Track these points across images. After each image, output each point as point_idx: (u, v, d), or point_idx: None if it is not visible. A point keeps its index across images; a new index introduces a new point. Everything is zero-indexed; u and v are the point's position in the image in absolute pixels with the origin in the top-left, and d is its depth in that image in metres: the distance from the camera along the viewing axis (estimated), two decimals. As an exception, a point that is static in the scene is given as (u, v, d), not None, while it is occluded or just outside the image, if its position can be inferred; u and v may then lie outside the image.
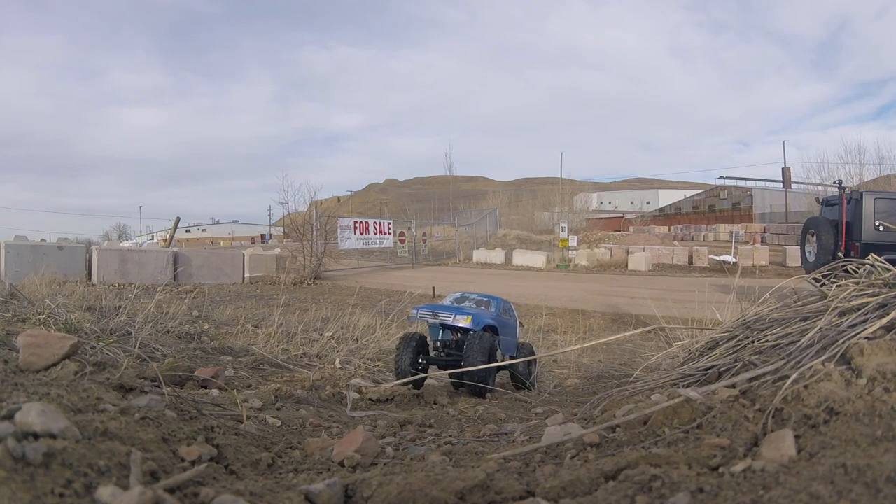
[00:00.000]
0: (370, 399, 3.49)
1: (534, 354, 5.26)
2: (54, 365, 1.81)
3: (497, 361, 4.18)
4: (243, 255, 15.47)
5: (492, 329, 4.39)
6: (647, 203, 71.28)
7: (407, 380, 3.85)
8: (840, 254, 9.94)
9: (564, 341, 7.27)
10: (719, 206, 43.70)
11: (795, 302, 2.25)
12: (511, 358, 4.82)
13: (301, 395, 3.30)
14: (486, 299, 4.81)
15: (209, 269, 14.45)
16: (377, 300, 9.09)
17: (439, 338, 4.49)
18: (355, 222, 20.58)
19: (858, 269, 2.22)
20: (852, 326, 1.71)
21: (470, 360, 3.80)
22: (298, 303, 10.08)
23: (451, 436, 2.39)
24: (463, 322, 4.17)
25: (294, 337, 5.80)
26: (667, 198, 62.37)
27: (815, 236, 10.97)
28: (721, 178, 44.72)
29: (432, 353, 4.46)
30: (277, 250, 18.81)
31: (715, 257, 21.43)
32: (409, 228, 24.16)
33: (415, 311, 4.48)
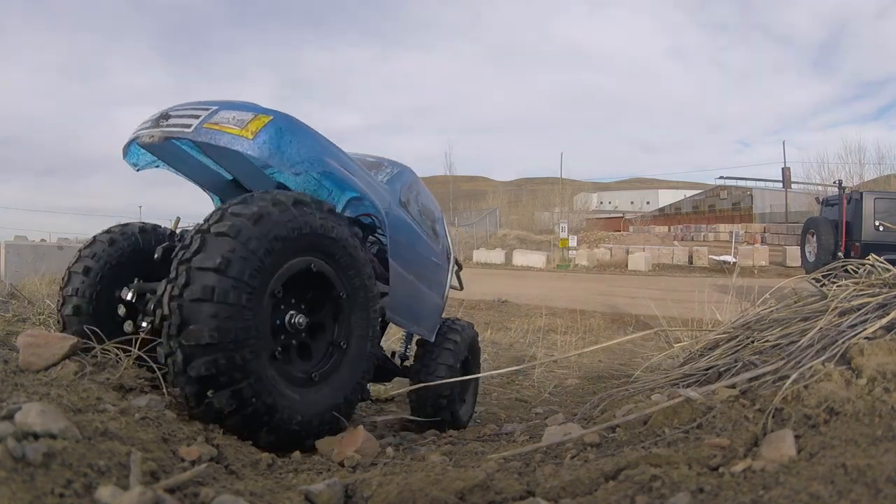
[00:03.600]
0: (370, 399, 3.49)
1: (478, 345, 2.63)
2: (54, 365, 1.81)
3: (379, 352, 1.73)
4: (243, 255, 15.47)
5: (363, 227, 1.83)
6: (647, 203, 71.15)
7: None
8: (840, 254, 9.93)
9: (564, 341, 7.26)
10: (719, 207, 43.65)
11: (795, 302, 2.25)
12: (428, 359, 2.34)
13: (301, 395, 3.30)
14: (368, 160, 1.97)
15: (209, 269, 14.43)
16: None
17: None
18: (355, 222, 20.58)
19: (858, 269, 2.22)
20: (852, 326, 1.71)
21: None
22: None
23: (451, 436, 2.40)
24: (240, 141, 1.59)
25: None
26: (667, 198, 62.28)
27: (815, 236, 10.97)
28: (721, 178, 44.63)
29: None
30: (277, 250, 18.77)
31: (715, 257, 21.42)
32: (409, 228, 24.14)
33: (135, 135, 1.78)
